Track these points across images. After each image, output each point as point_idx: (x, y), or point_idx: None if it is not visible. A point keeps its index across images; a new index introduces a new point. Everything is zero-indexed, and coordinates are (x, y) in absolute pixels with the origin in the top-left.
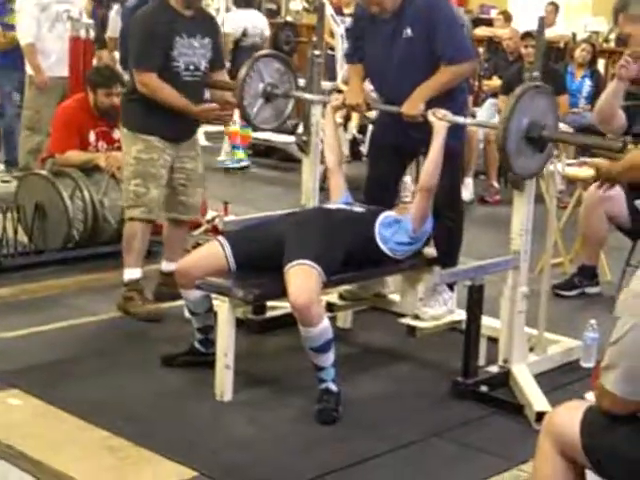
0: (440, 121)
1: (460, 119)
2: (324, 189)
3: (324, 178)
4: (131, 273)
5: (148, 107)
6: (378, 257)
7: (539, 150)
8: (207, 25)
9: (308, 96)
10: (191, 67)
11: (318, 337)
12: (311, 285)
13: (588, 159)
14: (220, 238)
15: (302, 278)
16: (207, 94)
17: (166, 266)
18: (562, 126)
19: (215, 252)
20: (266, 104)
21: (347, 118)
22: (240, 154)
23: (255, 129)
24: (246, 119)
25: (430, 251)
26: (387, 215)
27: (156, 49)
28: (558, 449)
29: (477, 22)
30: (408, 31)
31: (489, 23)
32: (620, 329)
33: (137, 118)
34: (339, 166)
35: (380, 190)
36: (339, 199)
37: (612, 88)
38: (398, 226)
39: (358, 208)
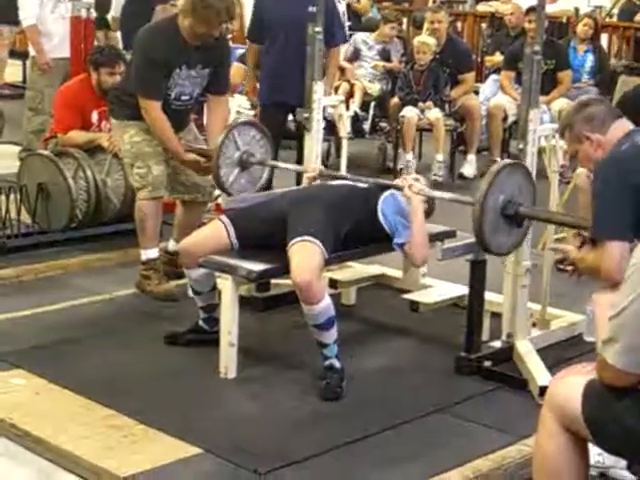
0: (417, 195)
1: (437, 193)
2: (326, 166)
3: (327, 155)
4: (148, 253)
5: (134, 98)
6: (379, 232)
7: (516, 226)
8: (213, 54)
9: (283, 165)
10: (183, 97)
11: (320, 314)
12: (313, 262)
13: (558, 245)
14: (222, 217)
15: (304, 255)
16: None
17: (172, 245)
18: (566, 101)
19: (218, 231)
20: (242, 172)
21: (349, 95)
22: None
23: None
24: (222, 189)
25: (432, 227)
26: (392, 192)
27: (157, 79)
28: (560, 422)
29: None
30: None
31: None
32: (621, 302)
33: (125, 107)
34: None
35: None
36: None
37: None
38: (401, 217)
39: (362, 184)
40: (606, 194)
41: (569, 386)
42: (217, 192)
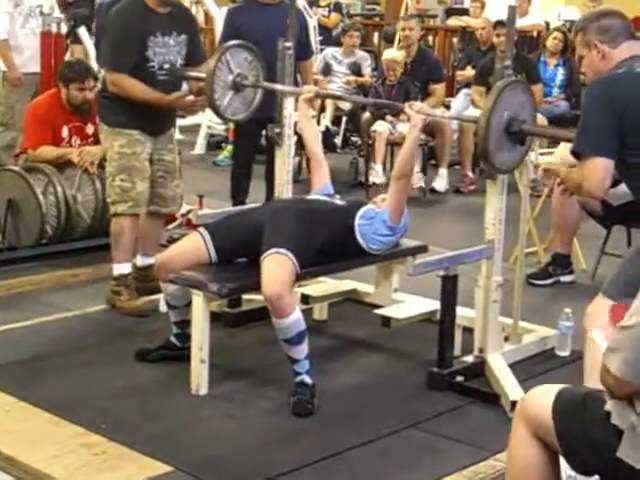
0: (417, 114)
1: (437, 112)
2: (298, 181)
3: (298, 170)
4: (120, 268)
5: (125, 103)
6: (354, 250)
7: (519, 143)
8: (183, 21)
9: (278, 87)
10: (166, 66)
11: (290, 328)
12: (284, 275)
13: (550, 166)
14: (200, 229)
15: (275, 268)
16: (185, 86)
17: (141, 261)
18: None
19: (195, 244)
20: (236, 95)
21: (321, 110)
22: None
23: (226, 121)
24: (216, 112)
25: (403, 241)
26: (368, 209)
27: (128, 50)
28: (532, 432)
29: (450, 12)
30: None
31: (465, 12)
32: (636, 316)
33: (116, 114)
34: (323, 157)
35: None
36: (319, 189)
37: None
38: (376, 219)
39: (338, 201)
40: (593, 112)
41: (540, 396)
42: (187, 207)
